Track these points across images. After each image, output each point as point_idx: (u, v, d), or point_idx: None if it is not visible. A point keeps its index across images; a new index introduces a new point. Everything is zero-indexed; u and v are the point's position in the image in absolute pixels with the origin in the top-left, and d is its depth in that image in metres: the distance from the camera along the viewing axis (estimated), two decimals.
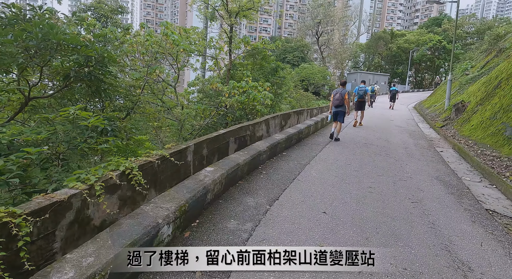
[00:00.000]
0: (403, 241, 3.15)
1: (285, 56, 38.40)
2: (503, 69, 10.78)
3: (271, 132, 8.38)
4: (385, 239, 3.17)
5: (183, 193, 3.18)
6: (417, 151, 8.02)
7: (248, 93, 10.76)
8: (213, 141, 5.25)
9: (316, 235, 3.13)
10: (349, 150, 7.41)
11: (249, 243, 2.89)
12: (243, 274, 2.44)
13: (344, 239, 3.11)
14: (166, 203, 2.87)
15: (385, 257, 2.81)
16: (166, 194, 3.10)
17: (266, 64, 15.96)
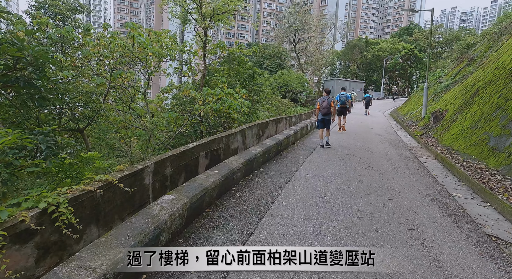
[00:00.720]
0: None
1: (263, 63, 38.10)
2: (479, 78, 10.79)
3: (248, 143, 7.71)
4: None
5: (125, 238, 2.38)
6: (401, 162, 7.62)
7: (223, 101, 10.04)
8: (179, 158, 4.48)
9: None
10: (332, 163, 6.86)
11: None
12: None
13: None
14: (94, 259, 2.06)
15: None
16: (100, 243, 2.29)
17: (243, 70, 15.33)
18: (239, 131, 7.08)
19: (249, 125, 8.07)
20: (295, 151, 7.94)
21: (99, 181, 3.05)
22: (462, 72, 16.19)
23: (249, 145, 7.81)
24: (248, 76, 14.93)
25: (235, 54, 15.00)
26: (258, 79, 14.77)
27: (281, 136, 7.96)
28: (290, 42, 47.81)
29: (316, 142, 9.57)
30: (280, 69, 35.80)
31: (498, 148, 6.66)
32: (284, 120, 12.53)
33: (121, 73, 9.61)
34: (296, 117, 14.51)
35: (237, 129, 7.13)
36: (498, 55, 10.76)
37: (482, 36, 18.68)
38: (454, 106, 11.26)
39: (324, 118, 8.61)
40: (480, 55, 15.19)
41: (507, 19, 16.84)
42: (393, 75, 45.96)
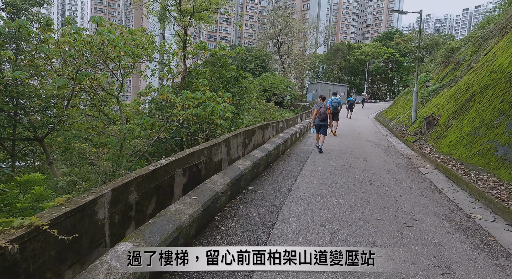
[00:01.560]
0: None
1: (246, 65, 37.30)
2: (473, 82, 10.40)
3: (233, 154, 6.79)
4: None
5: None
6: (402, 174, 6.92)
7: (205, 106, 9.08)
8: (148, 179, 3.52)
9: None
10: (329, 177, 6.04)
11: None
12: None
13: None
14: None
15: None
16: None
17: (226, 73, 14.41)
18: (222, 141, 6.16)
19: (234, 133, 7.16)
20: (287, 162, 7.07)
21: (19, 227, 2.08)
22: (449, 76, 15.99)
23: (234, 156, 6.92)
24: (232, 79, 14.02)
25: (218, 55, 14.07)
26: (243, 82, 13.89)
27: (270, 146, 7.08)
28: (274, 45, 47.34)
29: (307, 151, 8.77)
30: (264, 72, 35.13)
31: (508, 158, 6.08)
32: (271, 126, 11.71)
33: (87, 74, 8.43)
34: (283, 123, 13.74)
35: (221, 139, 6.21)
36: (491, 58, 10.42)
37: (466, 41, 18.71)
38: (447, 111, 10.81)
39: (321, 124, 8.66)
40: (467, 59, 15.03)
41: (490, 23, 16.87)
42: (375, 79, 46.42)
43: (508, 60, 8.59)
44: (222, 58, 14.75)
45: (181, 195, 4.61)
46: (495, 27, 14.91)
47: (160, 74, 16.28)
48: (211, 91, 14.49)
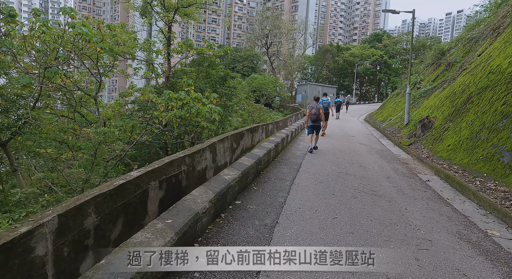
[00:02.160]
0: None
1: (235, 66, 36.57)
2: (469, 83, 10.07)
3: (219, 160, 6.14)
4: None
5: None
6: (402, 181, 6.41)
7: (189, 107, 8.39)
8: (112, 197, 2.86)
9: None
10: (325, 187, 5.45)
11: None
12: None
13: None
14: None
15: None
16: None
17: (213, 72, 13.71)
18: (207, 147, 5.51)
19: (221, 137, 6.52)
20: (278, 170, 6.45)
21: None
22: (441, 77, 15.78)
23: (221, 162, 6.27)
24: (219, 79, 13.34)
25: (204, 54, 13.36)
26: (231, 83, 13.23)
27: (260, 151, 6.45)
28: (262, 46, 46.85)
29: (299, 156, 8.19)
30: (253, 73, 34.51)
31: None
32: (261, 129, 11.10)
33: (57, 71, 7.60)
34: (273, 125, 13.15)
35: (205, 144, 5.55)
36: (487, 59, 10.12)
37: (455, 42, 18.63)
38: (443, 113, 10.45)
39: (314, 125, 8.69)
40: (459, 60, 14.83)
41: (480, 25, 16.79)
42: (363, 81, 46.55)
43: (507, 60, 8.25)
44: (209, 57, 14.06)
45: (156, 212, 3.93)
46: (486, 28, 14.77)
47: (144, 74, 15.44)
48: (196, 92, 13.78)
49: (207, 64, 13.72)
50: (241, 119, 18.94)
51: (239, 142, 8.15)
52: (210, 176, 5.78)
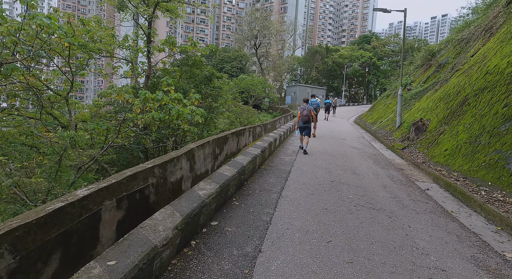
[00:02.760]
0: None
1: (223, 66, 35.82)
2: (464, 84, 9.66)
3: (199, 168, 5.45)
4: None
5: None
6: (399, 190, 5.84)
7: (168, 108, 7.66)
8: (44, 226, 2.16)
9: None
10: (317, 199, 4.82)
11: None
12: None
13: None
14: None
15: None
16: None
17: (198, 72, 12.96)
18: (184, 155, 4.82)
19: (201, 142, 5.82)
20: (264, 179, 5.77)
21: None
22: (432, 79, 15.48)
23: (201, 170, 5.58)
24: (204, 79, 12.60)
25: (188, 52, 12.61)
26: (216, 83, 12.51)
27: (244, 159, 5.76)
28: (252, 47, 46.24)
29: (288, 162, 7.54)
30: (241, 74, 33.84)
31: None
32: (248, 132, 10.43)
33: (15, 68, 6.77)
34: (260, 128, 12.51)
35: (181, 151, 4.85)
36: (482, 59, 9.75)
37: (445, 43, 18.46)
38: (437, 116, 10.01)
39: (304, 126, 8.81)
40: (450, 61, 14.55)
41: (470, 26, 16.62)
42: (352, 82, 46.52)
43: (506, 60, 7.84)
44: (193, 56, 13.32)
45: (113, 237, 3.22)
46: (477, 29, 14.55)
47: (124, 73, 14.55)
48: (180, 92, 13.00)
49: (191, 63, 12.97)
50: (228, 121, 18.23)
51: (222, 146, 7.46)
52: (187, 187, 5.08)
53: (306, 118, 8.64)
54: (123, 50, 12.42)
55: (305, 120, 8.66)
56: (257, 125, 11.91)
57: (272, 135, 9.60)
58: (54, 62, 10.13)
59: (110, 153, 12.52)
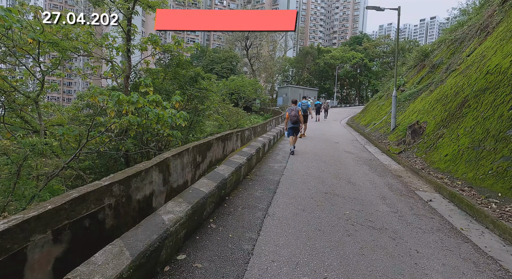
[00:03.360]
0: None
1: (213, 67, 35.03)
2: (463, 85, 9.18)
3: (175, 180, 4.77)
4: None
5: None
6: (400, 203, 5.24)
7: (144, 112, 6.94)
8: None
9: None
10: (309, 217, 4.16)
11: None
12: None
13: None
14: None
15: None
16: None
17: (183, 72, 12.22)
18: (155, 166, 4.16)
19: (178, 151, 5.13)
20: (249, 192, 5.09)
21: None
22: (426, 80, 15.08)
23: (178, 182, 4.89)
24: (190, 80, 11.87)
25: (172, 51, 11.86)
26: (202, 84, 11.80)
27: (227, 169, 5.08)
28: (243, 48, 45.59)
29: (278, 170, 6.89)
30: (232, 75, 33.13)
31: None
32: (235, 136, 9.74)
33: None
34: (249, 131, 11.83)
35: (151, 163, 4.19)
36: (481, 59, 9.29)
37: (438, 44, 18.13)
38: (435, 118, 9.51)
39: (293, 127, 8.98)
40: (445, 61, 14.16)
41: (462, 26, 16.32)
42: (344, 84, 46.28)
43: (509, 59, 7.36)
44: (178, 55, 12.58)
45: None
46: (471, 29, 14.20)
47: (104, 73, 13.71)
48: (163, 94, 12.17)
49: (175, 63, 12.23)
50: (217, 123, 17.51)
51: (205, 153, 6.77)
52: (160, 203, 4.38)
53: (294, 118, 8.87)
54: (103, 49, 11.60)
55: (294, 120, 8.89)
56: (245, 129, 11.24)
57: (261, 140, 8.94)
58: (20, 61, 9.29)
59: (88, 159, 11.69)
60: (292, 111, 8.90)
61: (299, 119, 8.87)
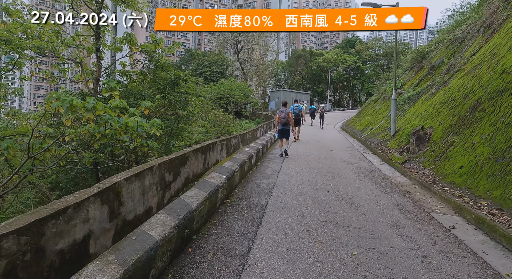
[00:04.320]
0: None
1: (202, 71, 33.89)
2: (473, 86, 8.23)
3: (130, 211, 3.71)
4: None
5: None
6: (419, 234, 4.16)
7: (104, 120, 5.74)
8: None
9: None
10: (304, 263, 3.04)
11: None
12: None
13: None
14: None
15: None
16: None
17: (163, 75, 11.07)
18: (94, 196, 3.12)
19: (136, 171, 4.00)
20: (227, 226, 3.94)
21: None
22: (425, 82, 14.21)
23: (137, 211, 3.84)
24: (170, 83, 10.72)
25: (150, 51, 10.71)
26: (184, 87, 10.66)
27: (197, 195, 3.92)
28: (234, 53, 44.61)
29: (265, 189, 5.75)
30: (222, 79, 32.03)
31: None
32: (219, 146, 8.60)
33: None
34: (237, 139, 10.69)
35: (89, 192, 3.04)
36: (492, 57, 8.37)
37: (435, 44, 17.36)
38: (442, 124, 8.53)
39: (283, 129, 9.05)
40: (446, 62, 13.30)
41: (461, 25, 15.56)
42: (337, 87, 45.60)
43: None
44: (158, 56, 11.43)
45: None
46: (471, 27, 13.40)
47: (75, 76, 12.46)
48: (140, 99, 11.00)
49: (153, 64, 11.08)
50: (204, 130, 16.34)
51: (178, 170, 5.63)
52: (105, 246, 3.23)
53: (284, 120, 8.95)
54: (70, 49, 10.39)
55: (283, 122, 8.97)
56: (232, 137, 10.11)
57: (247, 151, 7.80)
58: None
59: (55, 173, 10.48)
60: (282, 113, 9.00)
61: (288, 121, 8.94)
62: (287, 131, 9.05)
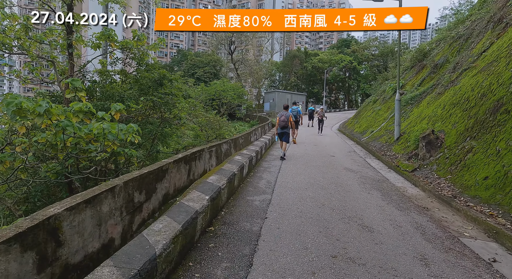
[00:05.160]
0: None
1: (194, 72, 32.83)
2: (490, 85, 7.37)
3: (78, 250, 2.68)
4: None
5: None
6: (456, 273, 3.23)
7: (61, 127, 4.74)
8: None
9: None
10: None
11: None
12: None
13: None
14: None
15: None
16: None
17: (146, 75, 10.06)
18: (8, 241, 1.84)
19: (88, 196, 2.93)
20: (206, 270, 2.96)
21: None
22: (428, 81, 13.41)
23: (86, 251, 2.92)
24: (153, 83, 9.71)
25: (132, 48, 9.70)
26: (168, 87, 9.67)
27: (165, 231, 2.94)
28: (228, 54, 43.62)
29: (259, 208, 4.79)
30: (215, 80, 31.02)
31: None
32: (208, 153, 7.62)
33: None
34: (228, 145, 9.72)
35: (4, 235, 1.83)
36: (509, 53, 7.54)
37: (436, 42, 16.63)
38: (456, 127, 7.66)
39: (283, 132, 9.16)
40: (450, 60, 12.51)
41: (464, 22, 14.82)
42: (333, 88, 44.89)
43: None
44: (141, 54, 10.42)
45: None
46: (477, 23, 12.65)
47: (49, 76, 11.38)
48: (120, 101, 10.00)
49: (136, 63, 10.07)
50: (193, 132, 15.32)
51: (153, 186, 4.66)
52: None
53: (283, 123, 9.08)
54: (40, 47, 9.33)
55: (282, 125, 9.10)
56: (222, 142, 9.13)
57: (238, 159, 6.83)
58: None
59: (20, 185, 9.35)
60: (282, 116, 9.10)
61: (287, 124, 9.04)
62: (287, 134, 9.17)
